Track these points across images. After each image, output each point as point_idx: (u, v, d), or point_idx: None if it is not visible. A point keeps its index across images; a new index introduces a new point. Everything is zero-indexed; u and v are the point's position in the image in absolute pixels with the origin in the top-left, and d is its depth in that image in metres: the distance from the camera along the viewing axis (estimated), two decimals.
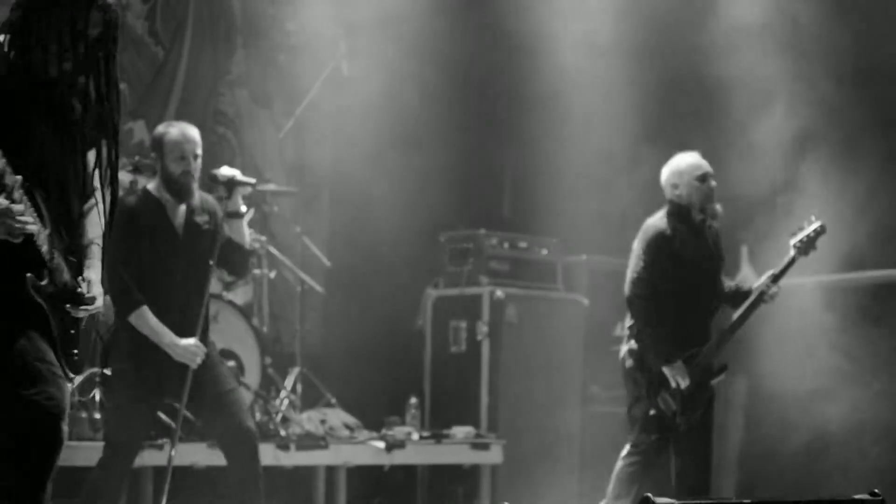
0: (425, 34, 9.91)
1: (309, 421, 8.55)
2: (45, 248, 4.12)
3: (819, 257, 7.63)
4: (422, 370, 9.57)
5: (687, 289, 7.34)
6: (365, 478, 8.76)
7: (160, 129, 6.73)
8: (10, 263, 4.06)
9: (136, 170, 7.53)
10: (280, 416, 8.33)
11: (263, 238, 8.93)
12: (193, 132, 6.66)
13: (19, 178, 3.96)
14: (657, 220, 7.39)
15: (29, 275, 4.09)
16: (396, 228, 9.81)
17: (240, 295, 8.66)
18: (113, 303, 6.54)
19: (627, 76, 9.42)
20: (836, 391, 8.66)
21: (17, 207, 3.95)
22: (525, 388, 9.32)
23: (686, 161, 7.43)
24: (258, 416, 8.21)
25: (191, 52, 10.54)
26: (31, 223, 4.00)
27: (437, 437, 8.91)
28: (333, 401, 9.15)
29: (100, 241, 4.49)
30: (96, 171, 4.40)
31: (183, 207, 6.62)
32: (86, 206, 4.49)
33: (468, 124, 10.49)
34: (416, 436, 8.84)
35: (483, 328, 9.27)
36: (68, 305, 4.25)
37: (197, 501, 7.66)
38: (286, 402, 8.58)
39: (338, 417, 8.83)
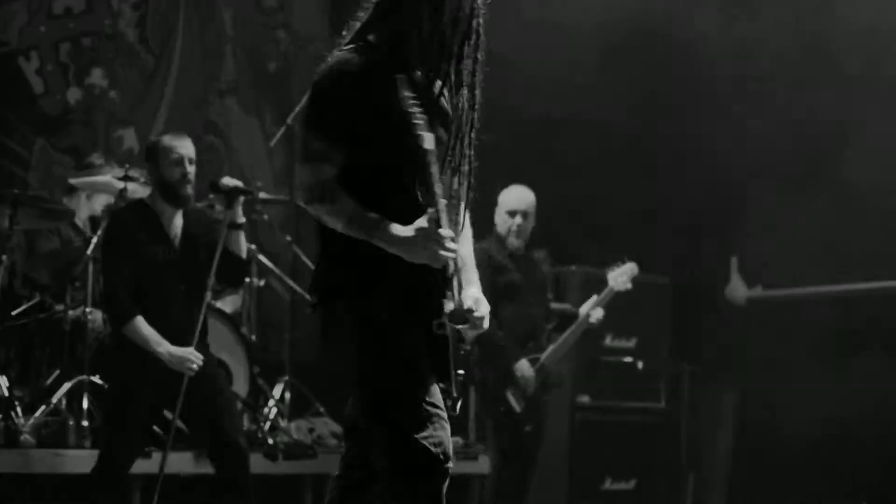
0: None
1: (297, 430, 8.52)
2: (450, 270, 3.91)
3: (810, 269, 7.65)
4: None
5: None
6: None
7: (153, 137, 6.75)
8: (415, 287, 3.90)
9: (128, 177, 7.49)
10: (268, 424, 8.30)
11: (254, 247, 8.90)
12: (187, 139, 6.69)
13: (444, 202, 3.79)
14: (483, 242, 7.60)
15: (446, 307, 3.90)
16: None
17: (228, 303, 8.64)
18: (106, 314, 6.53)
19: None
20: (827, 403, 8.65)
21: (446, 233, 3.79)
22: None
23: (503, 196, 7.94)
24: (246, 424, 8.18)
25: (181, 60, 10.54)
26: (455, 251, 3.81)
27: None
28: (322, 410, 9.11)
29: (472, 256, 4.18)
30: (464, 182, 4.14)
31: (179, 218, 6.60)
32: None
33: None
34: None
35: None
36: (460, 327, 3.97)
37: None
38: (274, 410, 8.55)
39: (326, 427, 8.80)
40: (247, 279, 8.76)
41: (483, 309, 4.01)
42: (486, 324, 4.04)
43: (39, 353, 7.59)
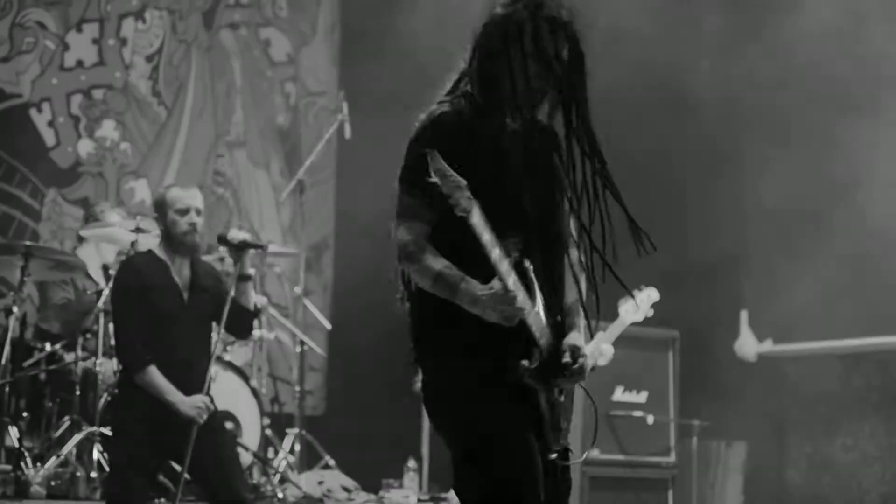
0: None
1: (307, 483, 8.50)
2: (535, 328, 3.87)
3: (824, 325, 7.64)
4: (420, 433, 9.52)
5: None
6: None
7: (161, 189, 6.78)
8: (498, 343, 3.85)
9: (139, 229, 7.52)
10: (278, 477, 8.28)
11: (264, 299, 8.92)
12: (195, 189, 6.74)
13: (515, 256, 3.77)
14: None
15: (523, 362, 3.84)
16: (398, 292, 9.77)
17: (238, 355, 8.64)
18: (119, 361, 6.53)
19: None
20: (837, 458, 8.63)
21: (515, 295, 3.71)
22: None
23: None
24: (256, 477, 8.17)
25: (192, 112, 10.59)
26: (525, 309, 3.76)
27: (436, 501, 8.85)
28: (332, 463, 9.10)
29: (579, 301, 4.10)
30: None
31: (187, 269, 6.63)
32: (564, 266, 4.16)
33: None
34: (413, 499, 8.79)
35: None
36: (557, 380, 3.94)
37: None
38: (284, 463, 8.54)
39: (336, 480, 8.78)
40: (256, 331, 8.78)
41: (581, 358, 3.96)
42: (586, 372, 3.98)
43: (50, 404, 7.59)
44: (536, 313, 3.91)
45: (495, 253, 3.71)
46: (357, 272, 10.43)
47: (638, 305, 7.76)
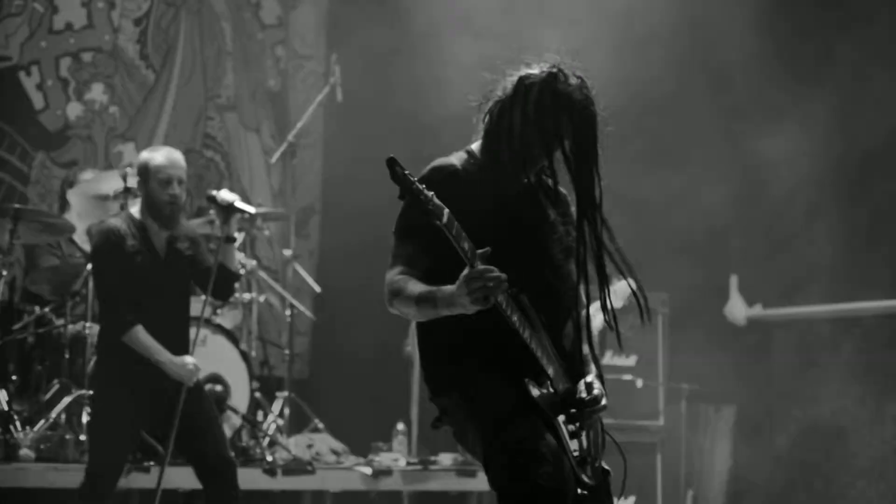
0: (421, 63, 9.92)
1: (296, 446, 8.52)
2: (539, 353, 4.02)
3: (809, 289, 7.65)
4: (409, 396, 9.54)
5: None
6: None
7: (144, 154, 6.66)
8: (511, 372, 3.99)
9: (127, 191, 7.48)
10: (267, 440, 8.29)
11: (254, 262, 8.91)
12: (179, 157, 6.62)
13: (480, 250, 3.78)
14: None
15: (527, 379, 3.99)
16: (387, 254, 9.77)
17: (228, 319, 8.63)
18: (105, 324, 6.51)
19: None
20: (825, 422, 8.66)
21: (481, 267, 3.74)
22: None
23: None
24: (245, 440, 8.18)
25: (181, 75, 10.55)
26: (496, 282, 3.75)
27: (424, 464, 8.87)
28: (321, 426, 9.11)
29: (593, 349, 4.26)
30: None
31: (164, 234, 6.58)
32: (570, 312, 4.30)
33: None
34: (402, 462, 8.81)
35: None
36: (572, 411, 4.08)
37: None
38: (273, 426, 8.55)
39: (325, 443, 8.80)
40: (246, 294, 8.77)
41: (595, 392, 4.09)
42: (603, 402, 4.12)
43: (39, 368, 7.59)
44: (538, 337, 4.03)
45: (467, 246, 3.76)
46: (343, 236, 10.44)
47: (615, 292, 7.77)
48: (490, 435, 3.98)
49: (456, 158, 4.12)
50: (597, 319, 7.64)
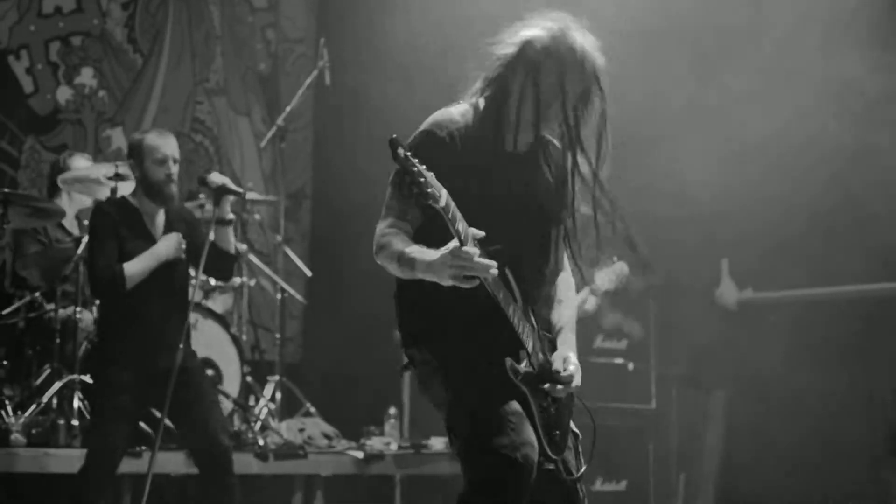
0: (413, 48, 9.88)
1: (287, 430, 8.51)
2: (519, 328, 4.04)
3: (799, 271, 7.64)
4: (401, 380, 9.54)
5: None
6: (343, 488, 8.71)
7: (137, 135, 6.71)
8: (488, 346, 4.02)
9: (118, 176, 7.45)
10: (259, 424, 8.29)
11: (245, 247, 8.90)
12: (171, 137, 6.67)
13: (473, 230, 3.80)
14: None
15: (508, 360, 4.02)
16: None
17: (219, 303, 8.63)
18: (101, 293, 6.49)
19: None
20: (818, 406, 8.66)
21: (472, 250, 3.77)
22: None
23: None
24: (237, 424, 8.17)
25: (169, 59, 10.52)
26: (482, 267, 3.79)
27: (416, 448, 8.87)
28: (312, 410, 9.11)
29: (573, 320, 4.31)
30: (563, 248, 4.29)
31: (161, 216, 6.59)
32: (555, 285, 4.35)
33: None
34: (394, 446, 8.81)
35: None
36: (546, 386, 4.10)
37: None
38: (265, 410, 8.54)
39: (316, 427, 8.79)
40: (237, 278, 8.76)
41: (571, 368, 4.12)
42: (576, 381, 4.14)
43: (30, 353, 7.57)
44: (520, 312, 4.05)
45: (461, 227, 3.76)
46: (334, 220, 10.42)
47: (612, 272, 7.75)
48: (455, 400, 4.02)
49: (459, 115, 4.11)
50: (588, 302, 7.67)
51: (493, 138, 4.07)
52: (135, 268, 6.39)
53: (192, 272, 6.84)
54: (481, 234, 3.79)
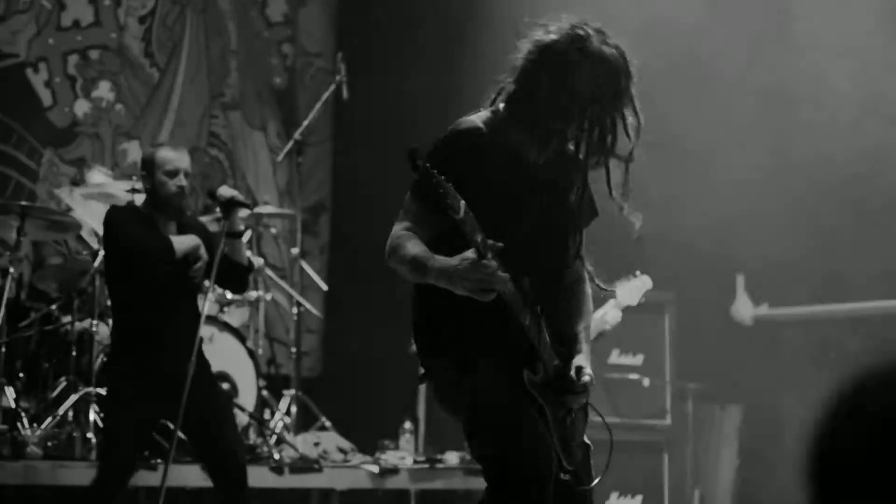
0: (430, 58, 9.89)
1: (303, 444, 8.51)
2: (535, 340, 4.02)
3: (815, 287, 7.62)
4: (416, 395, 9.53)
5: None
6: (358, 502, 8.71)
7: (150, 148, 6.72)
8: (506, 355, 4.01)
9: (134, 190, 7.49)
10: (274, 438, 8.29)
11: (261, 260, 8.91)
12: (184, 151, 6.66)
13: (492, 242, 3.73)
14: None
15: (525, 371, 4.01)
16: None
17: (235, 317, 8.63)
18: (153, 263, 6.41)
19: None
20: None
21: (489, 263, 3.73)
22: None
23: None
24: (252, 438, 8.18)
25: (186, 73, 10.56)
26: (501, 281, 3.79)
27: (431, 462, 8.86)
28: (328, 424, 9.11)
29: (587, 329, 4.27)
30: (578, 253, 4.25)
31: (173, 227, 6.58)
32: (573, 296, 4.31)
33: None
34: (409, 460, 8.80)
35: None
36: (561, 396, 4.10)
37: None
38: (280, 424, 8.55)
39: (332, 441, 8.79)
40: (253, 292, 8.77)
41: (586, 378, 4.09)
42: (588, 391, 4.14)
43: (46, 365, 7.60)
44: (536, 323, 4.03)
45: (480, 238, 3.73)
46: (353, 234, 10.43)
47: (636, 287, 7.71)
48: (475, 408, 3.99)
49: (481, 122, 4.04)
50: (611, 315, 7.65)
51: (515, 146, 4.03)
52: (176, 245, 6.42)
53: (206, 285, 6.84)
54: (500, 245, 3.75)
